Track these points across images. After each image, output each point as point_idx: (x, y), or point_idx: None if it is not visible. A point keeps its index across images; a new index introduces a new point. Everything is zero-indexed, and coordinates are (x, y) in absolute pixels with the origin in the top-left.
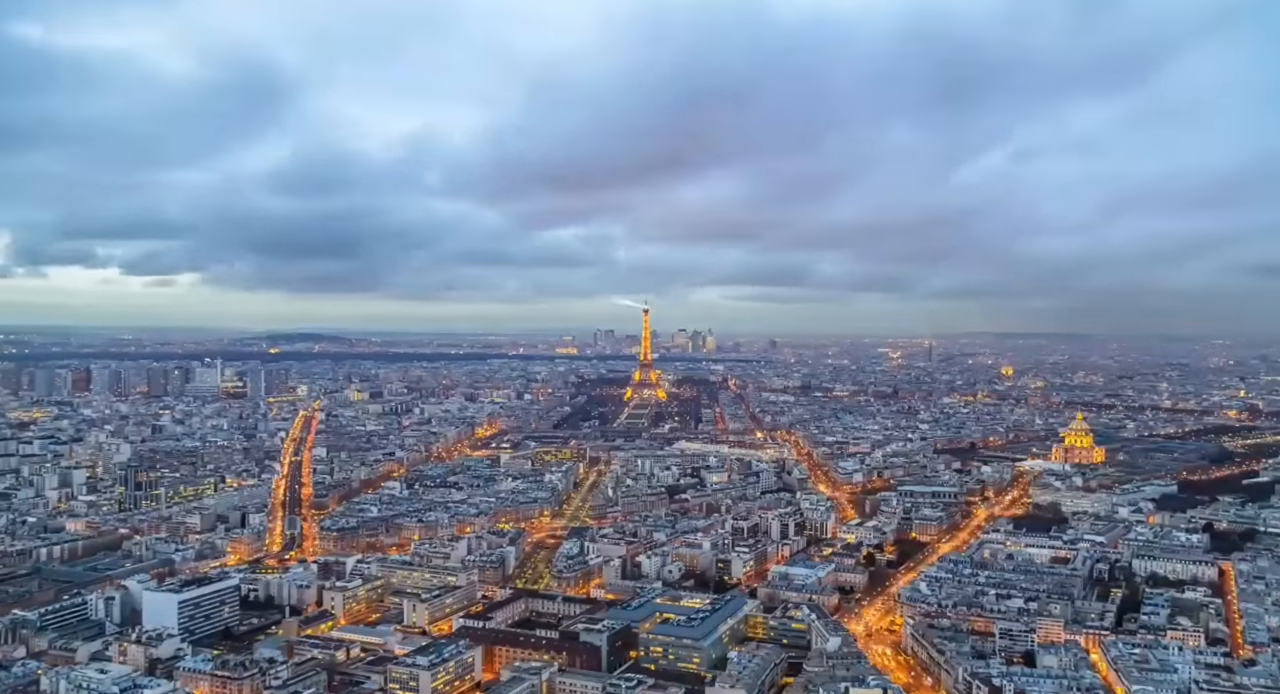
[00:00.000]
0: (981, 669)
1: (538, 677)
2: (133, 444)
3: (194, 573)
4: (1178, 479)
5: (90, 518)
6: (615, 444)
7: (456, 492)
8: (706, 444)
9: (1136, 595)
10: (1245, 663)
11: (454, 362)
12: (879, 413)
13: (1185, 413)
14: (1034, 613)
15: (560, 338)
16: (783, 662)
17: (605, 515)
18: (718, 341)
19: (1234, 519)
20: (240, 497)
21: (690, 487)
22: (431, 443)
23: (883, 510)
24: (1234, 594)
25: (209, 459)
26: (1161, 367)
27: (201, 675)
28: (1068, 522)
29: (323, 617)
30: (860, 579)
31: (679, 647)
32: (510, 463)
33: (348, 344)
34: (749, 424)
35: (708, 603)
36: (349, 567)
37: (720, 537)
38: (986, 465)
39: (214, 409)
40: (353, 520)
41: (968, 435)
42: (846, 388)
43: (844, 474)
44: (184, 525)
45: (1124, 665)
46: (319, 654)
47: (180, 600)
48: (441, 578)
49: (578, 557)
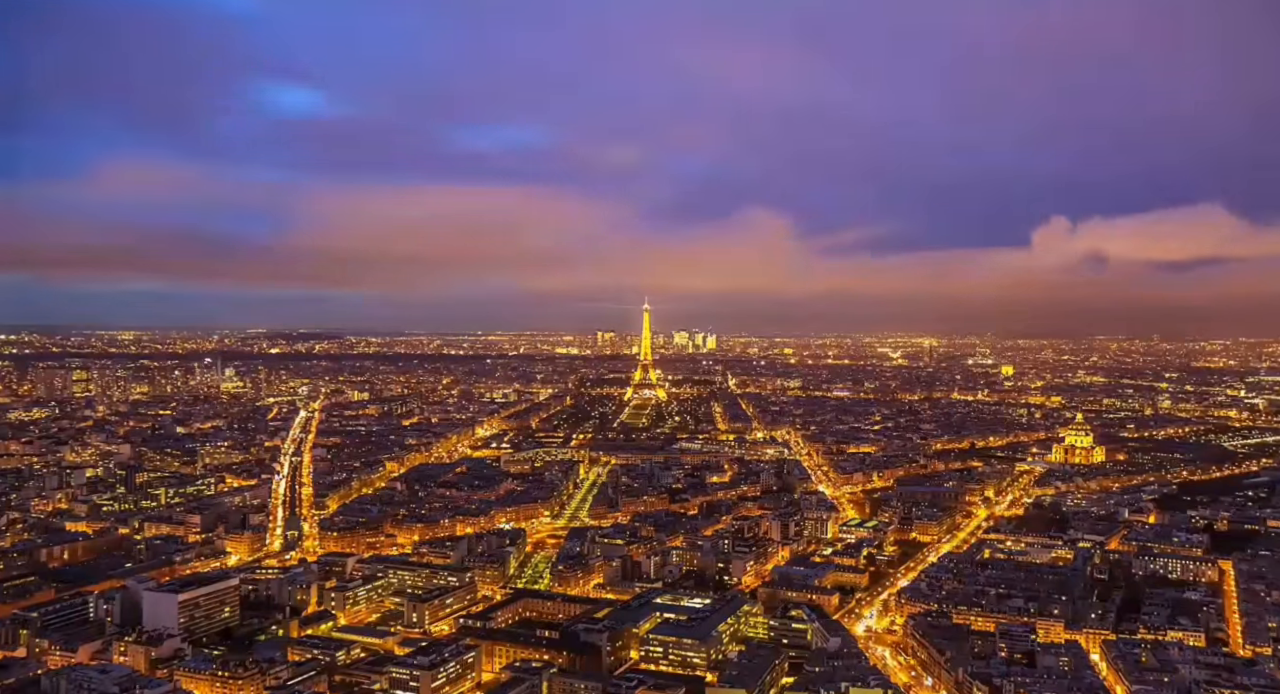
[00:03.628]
0: (981, 669)
1: (538, 677)
2: (133, 444)
3: (194, 573)
4: (1178, 479)
5: (90, 518)
6: (615, 444)
7: (456, 491)
8: (706, 444)
9: (1136, 595)
10: (1245, 663)
11: (454, 361)
12: (879, 413)
13: (1185, 413)
14: (1034, 613)
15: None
16: (783, 662)
17: (605, 515)
18: (718, 341)
19: (1234, 519)
20: (240, 497)
21: (690, 487)
22: (431, 443)
23: (883, 510)
24: (1234, 594)
25: (209, 459)
26: (1162, 366)
27: (201, 675)
28: (1068, 522)
29: (323, 617)
30: (860, 579)
31: (679, 647)
32: (510, 463)
33: (348, 344)
34: (749, 424)
35: (708, 603)
36: (349, 567)
37: (720, 537)
38: (986, 465)
39: (214, 409)
40: (353, 520)
41: (968, 435)
42: (846, 388)
43: (844, 474)
44: (184, 525)
45: (1124, 665)
46: (319, 654)
47: (180, 600)
48: (441, 578)
49: (578, 557)
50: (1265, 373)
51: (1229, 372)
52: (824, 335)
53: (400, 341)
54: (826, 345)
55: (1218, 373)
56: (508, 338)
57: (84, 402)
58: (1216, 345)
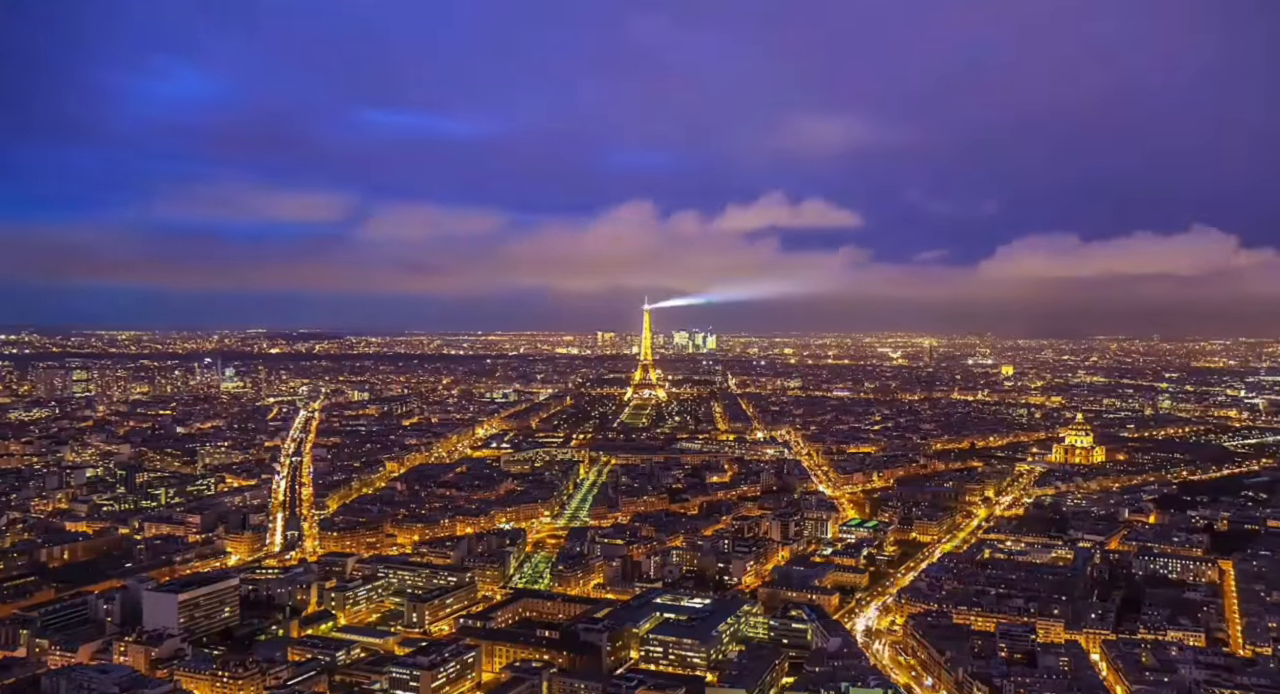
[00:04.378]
0: (981, 669)
1: (537, 677)
2: (133, 444)
3: (194, 573)
4: (1178, 479)
5: (90, 518)
6: (615, 444)
7: (456, 491)
8: (706, 444)
9: (1136, 595)
10: (1245, 663)
11: (454, 361)
12: (879, 413)
13: (1185, 413)
14: (1034, 613)
15: (560, 337)
16: (783, 662)
17: (605, 515)
18: (718, 341)
19: (1234, 519)
20: (240, 497)
21: (690, 487)
22: (431, 443)
23: (883, 510)
24: (1234, 594)
25: (209, 459)
26: (1162, 366)
27: (201, 675)
28: (1068, 522)
29: (323, 617)
30: (860, 579)
31: (679, 647)
32: (510, 463)
33: (348, 344)
34: (749, 424)
35: (708, 603)
36: (349, 567)
37: (720, 537)
38: (986, 465)
39: (214, 409)
40: (353, 520)
41: (968, 435)
42: (846, 388)
43: (844, 474)
44: (184, 525)
45: (1124, 665)
46: (319, 654)
47: (180, 600)
48: (441, 578)
49: (578, 557)
50: (1265, 373)
51: (1229, 371)
52: (824, 335)
53: (400, 341)
54: (826, 345)
55: (1218, 373)
56: (508, 338)
57: (84, 402)
58: (1216, 345)
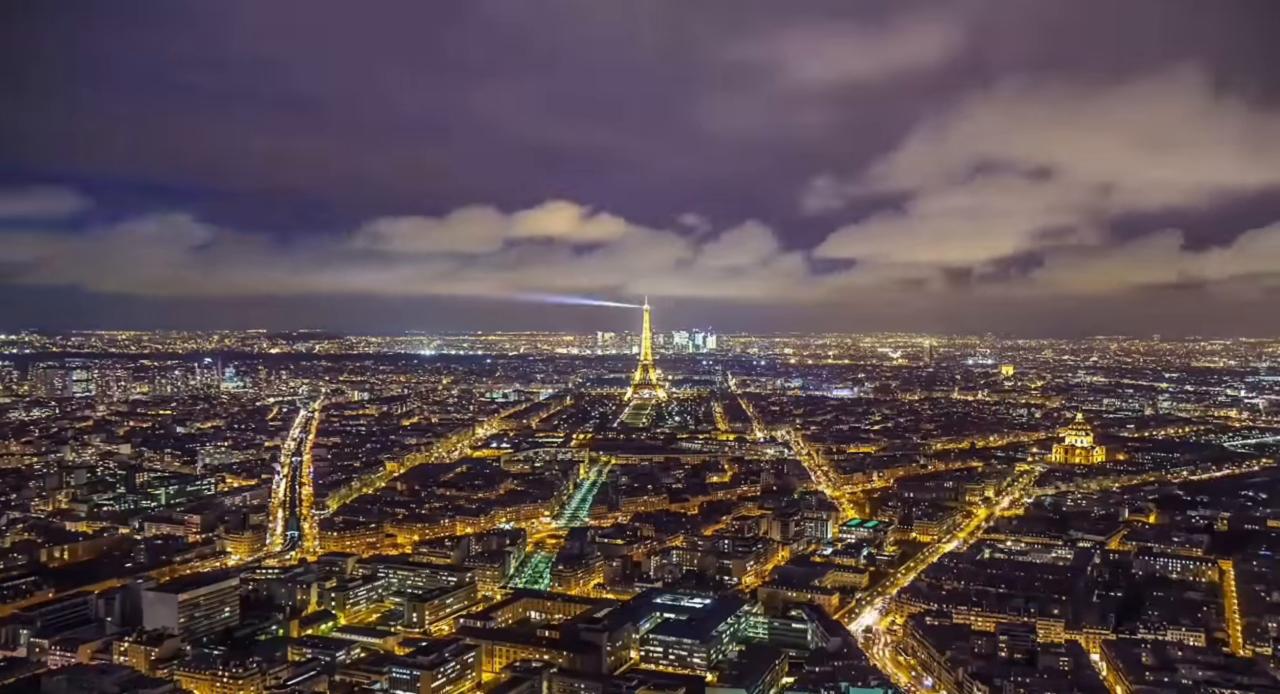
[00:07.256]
0: (982, 669)
1: (538, 676)
2: (133, 444)
3: (194, 573)
4: (1178, 479)
5: (90, 518)
6: (615, 444)
7: (456, 491)
8: (706, 444)
9: (1136, 595)
10: (1245, 663)
11: (455, 361)
12: (879, 413)
13: (1185, 413)
14: (1034, 613)
15: (560, 337)
16: (783, 662)
17: (605, 515)
18: (718, 341)
19: (1234, 519)
20: (240, 497)
21: (690, 487)
22: (431, 443)
23: (883, 510)
24: (1234, 594)
25: (209, 459)
26: (1162, 366)
27: (201, 675)
28: (1068, 522)
29: (323, 617)
30: (860, 579)
31: (679, 647)
32: (510, 463)
33: (348, 344)
34: (749, 424)
35: (708, 603)
36: (349, 567)
37: (720, 537)
38: (986, 465)
39: (214, 409)
40: (353, 520)
41: (968, 435)
42: (846, 388)
43: (844, 474)
44: (184, 525)
45: (1124, 665)
46: (319, 654)
47: (180, 600)
48: (441, 578)
49: (578, 557)
50: (1265, 373)
51: (1229, 372)
52: (824, 335)
53: (400, 341)
54: (826, 345)
55: (1218, 373)
56: (508, 338)
57: (84, 402)
58: (1216, 345)
